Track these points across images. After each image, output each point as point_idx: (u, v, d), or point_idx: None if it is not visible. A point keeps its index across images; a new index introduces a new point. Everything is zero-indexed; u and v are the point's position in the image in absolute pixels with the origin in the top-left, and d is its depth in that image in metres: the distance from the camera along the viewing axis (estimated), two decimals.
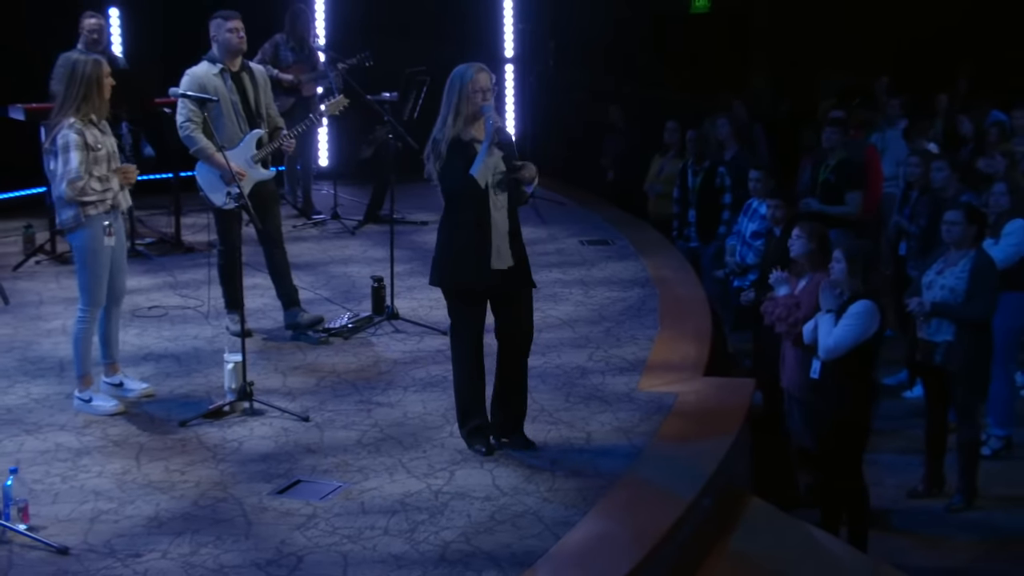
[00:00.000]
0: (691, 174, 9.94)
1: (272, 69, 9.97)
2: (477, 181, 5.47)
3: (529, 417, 6.20)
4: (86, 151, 5.95)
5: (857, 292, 6.36)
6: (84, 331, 6.18)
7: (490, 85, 5.55)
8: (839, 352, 6.30)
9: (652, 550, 4.85)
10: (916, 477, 7.42)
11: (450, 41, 11.86)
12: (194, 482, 5.49)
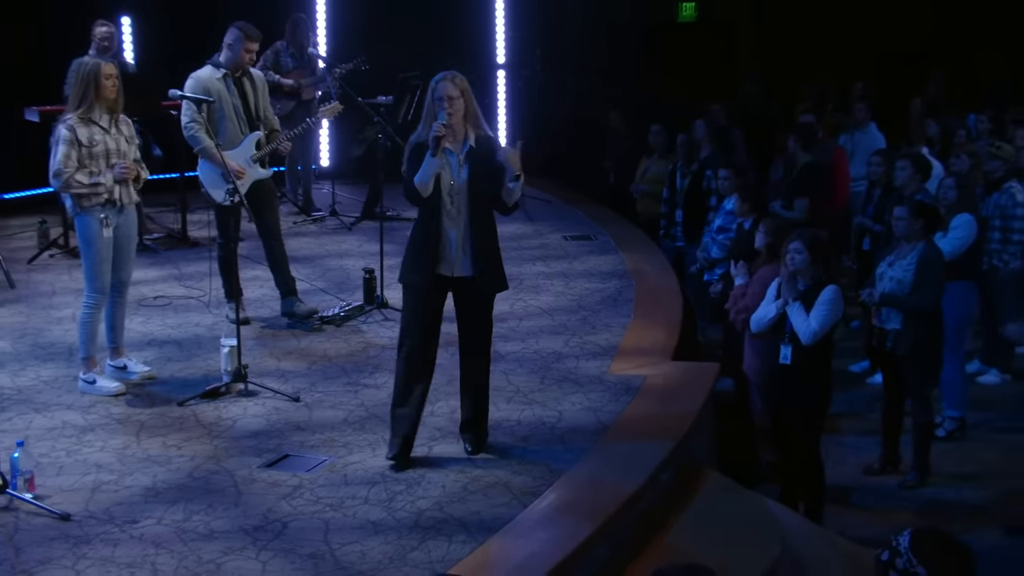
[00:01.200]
0: (679, 176, 10.06)
1: (273, 75, 10.15)
2: (418, 188, 5.36)
3: (505, 398, 6.40)
4: (76, 147, 6.13)
5: (821, 279, 6.53)
6: (90, 316, 6.36)
7: (455, 94, 5.34)
8: (820, 336, 6.46)
9: (612, 517, 5.04)
10: (875, 457, 7.58)
11: (444, 47, 12.03)
12: (189, 456, 5.68)
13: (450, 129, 5.32)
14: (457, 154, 5.40)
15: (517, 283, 8.60)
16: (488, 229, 5.54)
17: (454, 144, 5.39)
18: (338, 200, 10.65)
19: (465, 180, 5.40)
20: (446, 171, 5.39)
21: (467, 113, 5.40)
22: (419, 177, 5.36)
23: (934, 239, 7.21)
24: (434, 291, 5.54)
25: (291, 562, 4.71)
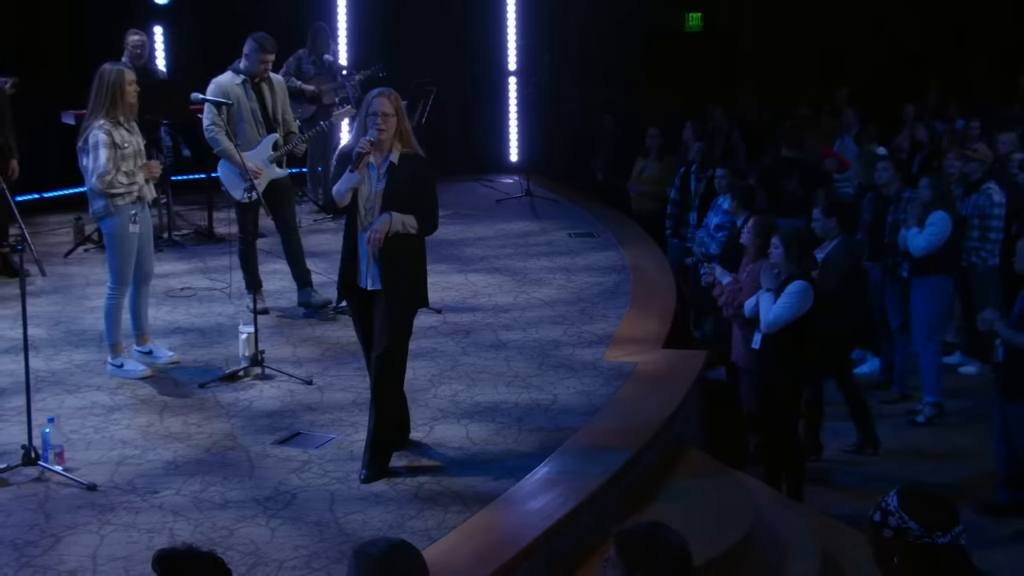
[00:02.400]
0: (694, 180, 10.15)
1: (295, 81, 10.34)
2: (334, 199, 5.34)
3: (504, 382, 6.58)
4: (114, 149, 6.33)
5: (793, 274, 6.68)
6: (113, 306, 6.57)
7: (390, 111, 5.20)
8: (778, 326, 6.62)
9: (598, 491, 5.19)
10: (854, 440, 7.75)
11: (458, 55, 12.23)
12: (208, 434, 5.87)
13: (375, 145, 5.21)
14: (378, 168, 5.27)
15: (522, 277, 8.79)
16: (402, 245, 5.31)
17: (377, 158, 5.26)
18: None
19: (380, 194, 5.26)
20: (365, 184, 5.27)
21: (398, 130, 5.26)
22: (337, 189, 5.30)
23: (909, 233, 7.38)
24: (361, 305, 5.45)
25: (298, 529, 4.90)
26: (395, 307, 5.34)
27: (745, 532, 5.21)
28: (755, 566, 5.14)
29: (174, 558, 3.03)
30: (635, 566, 3.07)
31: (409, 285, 5.42)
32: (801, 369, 6.91)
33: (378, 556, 2.95)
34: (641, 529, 3.22)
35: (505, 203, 11.34)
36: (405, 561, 2.94)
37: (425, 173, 5.41)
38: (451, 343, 7.24)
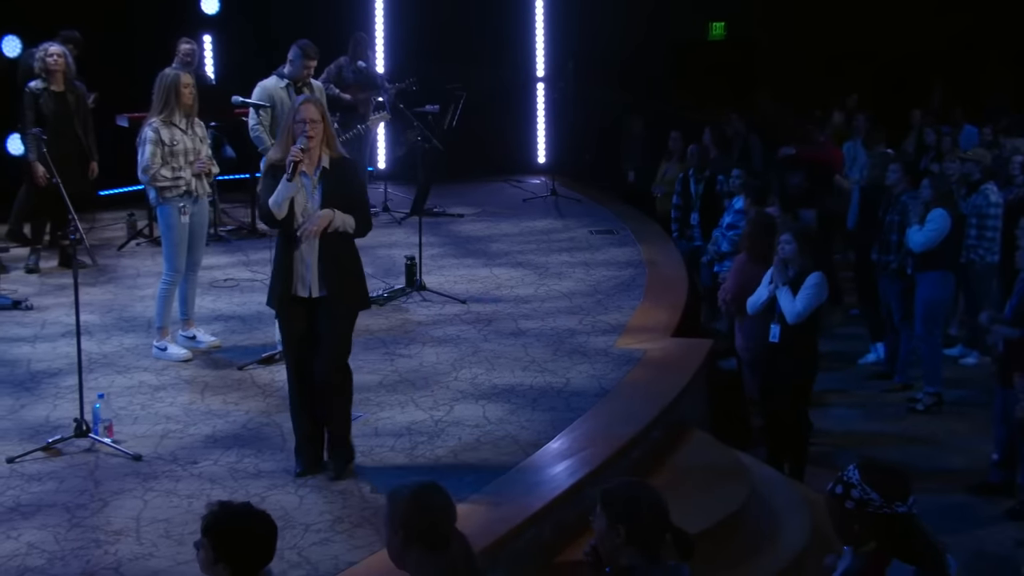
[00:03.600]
0: (693, 182, 10.30)
1: (334, 88, 10.56)
2: (271, 210, 5.09)
3: (521, 366, 6.76)
4: (160, 146, 6.59)
5: (808, 267, 6.79)
6: (166, 291, 6.83)
7: (316, 117, 5.05)
8: (804, 317, 6.72)
9: (603, 465, 5.37)
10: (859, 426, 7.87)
11: (488, 63, 12.42)
12: (245, 411, 6.11)
13: (306, 152, 5.04)
14: (311, 176, 5.10)
15: (543, 270, 8.97)
16: (342, 250, 5.19)
17: (308, 166, 5.09)
18: (390, 198, 11.07)
19: (318, 202, 5.09)
20: (300, 193, 5.08)
21: (324, 136, 5.11)
22: (273, 200, 5.07)
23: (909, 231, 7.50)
24: (296, 313, 5.22)
25: (324, 496, 5.12)
26: (342, 312, 5.22)
27: (740, 505, 5.37)
28: (748, 536, 5.29)
29: (231, 511, 3.29)
30: (617, 519, 3.26)
31: (353, 289, 5.28)
32: (813, 360, 7.03)
33: (408, 495, 3.20)
34: (624, 486, 3.41)
35: (531, 202, 11.53)
36: (433, 498, 3.19)
37: (356, 175, 5.30)
38: (473, 331, 7.44)
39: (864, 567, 3.51)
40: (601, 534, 3.32)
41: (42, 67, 8.37)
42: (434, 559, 3.14)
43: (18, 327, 7.42)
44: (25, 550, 4.64)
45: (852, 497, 3.46)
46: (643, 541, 3.27)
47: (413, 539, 3.18)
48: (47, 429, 5.78)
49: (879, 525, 3.48)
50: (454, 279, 8.63)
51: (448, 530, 3.19)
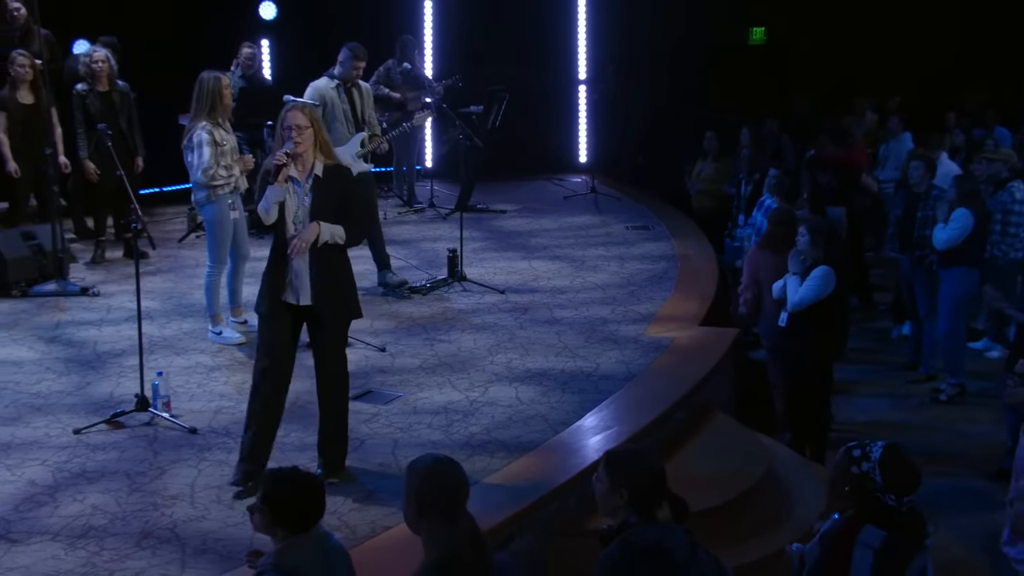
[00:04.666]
0: (744, 183, 10.41)
1: (383, 88, 10.83)
2: (260, 215, 5.05)
3: (554, 352, 6.95)
4: (214, 146, 6.86)
5: (818, 259, 6.93)
6: (212, 282, 7.09)
7: (304, 123, 4.95)
8: (803, 306, 6.88)
9: (628, 442, 5.53)
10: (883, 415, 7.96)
11: (533, 66, 12.59)
12: (292, 391, 6.13)
13: (299, 158, 4.97)
14: (303, 183, 5.01)
15: (579, 263, 9.15)
16: (333, 258, 5.08)
17: (301, 173, 5.01)
18: (436, 194, 11.31)
19: (308, 209, 4.99)
20: (291, 199, 5.00)
21: (316, 142, 5.02)
22: (261, 204, 5.02)
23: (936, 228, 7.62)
24: (282, 319, 5.15)
25: (364, 468, 5.36)
26: (334, 322, 5.16)
27: (756, 481, 5.52)
28: (762, 509, 5.44)
29: (283, 474, 3.53)
30: (619, 481, 3.45)
31: (345, 299, 5.20)
32: (826, 347, 7.15)
33: (423, 469, 3.38)
34: (627, 452, 3.60)
35: (571, 199, 11.71)
36: (448, 472, 3.35)
37: (349, 183, 5.18)
38: (510, 319, 7.64)
39: (840, 528, 3.68)
40: (603, 495, 3.51)
41: (87, 71, 8.70)
42: (445, 529, 3.28)
43: (85, 312, 7.75)
44: (90, 511, 4.92)
45: (862, 468, 3.63)
46: (642, 503, 3.44)
47: (427, 509, 3.32)
48: (111, 404, 6.08)
49: (867, 501, 3.66)
50: (494, 271, 8.84)
51: (460, 504, 3.32)
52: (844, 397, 8.20)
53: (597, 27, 13.32)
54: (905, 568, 3.73)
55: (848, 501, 3.74)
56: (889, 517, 3.67)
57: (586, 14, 13.25)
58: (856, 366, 8.95)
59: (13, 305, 7.87)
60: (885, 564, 3.67)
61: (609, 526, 3.59)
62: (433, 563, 3.25)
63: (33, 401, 6.16)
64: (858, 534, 3.68)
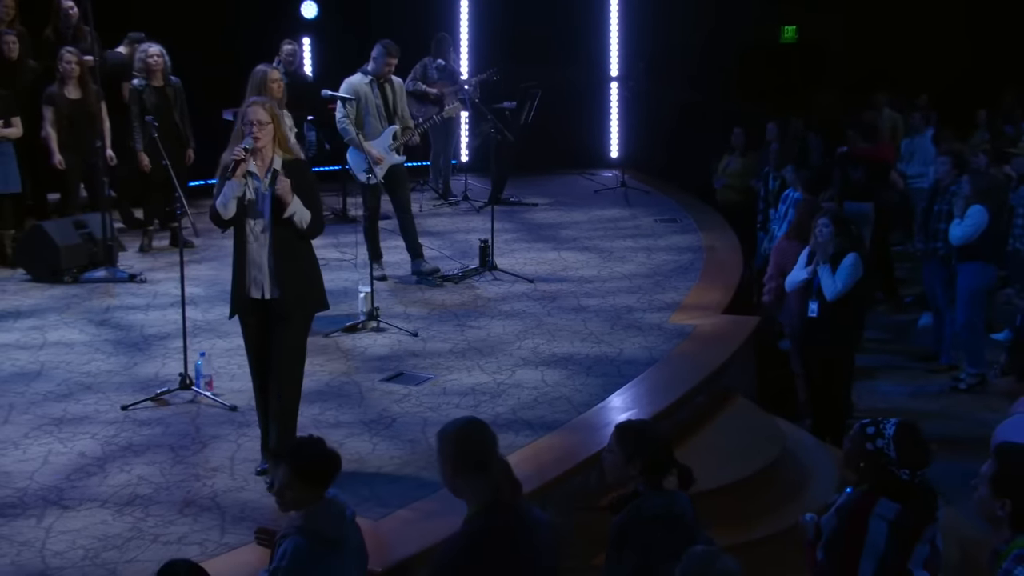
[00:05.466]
0: (771, 178, 10.49)
1: (420, 84, 11.03)
2: (218, 211, 4.97)
3: (580, 338, 7.10)
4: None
5: (844, 247, 7.02)
6: None
7: (265, 119, 4.90)
8: (842, 294, 6.94)
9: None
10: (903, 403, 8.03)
11: (565, 63, 12.73)
12: (328, 371, 6.56)
13: (258, 153, 4.92)
14: (262, 178, 4.95)
15: (607, 254, 9.28)
16: (295, 250, 5.04)
17: (260, 168, 4.94)
18: (470, 188, 11.48)
19: (268, 203, 4.93)
20: (250, 194, 4.95)
21: (276, 137, 4.97)
22: (219, 199, 4.95)
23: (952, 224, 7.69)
24: (251, 319, 5.12)
25: (394, 444, 5.54)
26: (297, 315, 5.09)
27: (772, 461, 5.64)
28: (778, 488, 5.55)
29: (306, 441, 3.77)
30: (629, 452, 3.60)
31: (308, 291, 5.16)
32: (851, 336, 7.24)
33: (452, 433, 3.56)
34: (635, 425, 3.75)
35: (602, 193, 11.84)
36: (473, 429, 3.53)
37: (308, 176, 5.10)
38: (538, 306, 7.80)
39: (856, 502, 3.81)
40: (614, 465, 3.66)
41: (143, 66, 8.95)
42: (481, 479, 3.46)
43: (133, 297, 8.00)
44: (136, 481, 5.14)
45: (876, 444, 3.76)
46: (649, 472, 3.60)
47: (460, 466, 3.50)
48: (156, 383, 6.31)
49: (881, 475, 3.79)
50: (524, 261, 9.00)
51: (490, 453, 3.50)
52: (865, 382, 8.26)
53: (629, 25, 13.43)
54: (918, 539, 3.86)
55: (863, 476, 3.87)
56: (903, 490, 3.80)
57: (618, 13, 13.37)
58: (878, 355, 9.02)
59: (65, 290, 8.14)
60: (899, 535, 3.80)
61: (619, 495, 3.75)
62: (477, 511, 3.42)
63: (84, 380, 6.40)
64: (873, 507, 3.81)
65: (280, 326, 5.05)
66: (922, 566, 3.88)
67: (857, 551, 3.84)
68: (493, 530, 3.40)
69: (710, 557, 3.08)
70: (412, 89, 10.62)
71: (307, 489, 3.67)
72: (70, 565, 4.42)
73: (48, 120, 8.80)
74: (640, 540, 3.64)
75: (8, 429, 5.71)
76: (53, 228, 8.47)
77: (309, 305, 5.19)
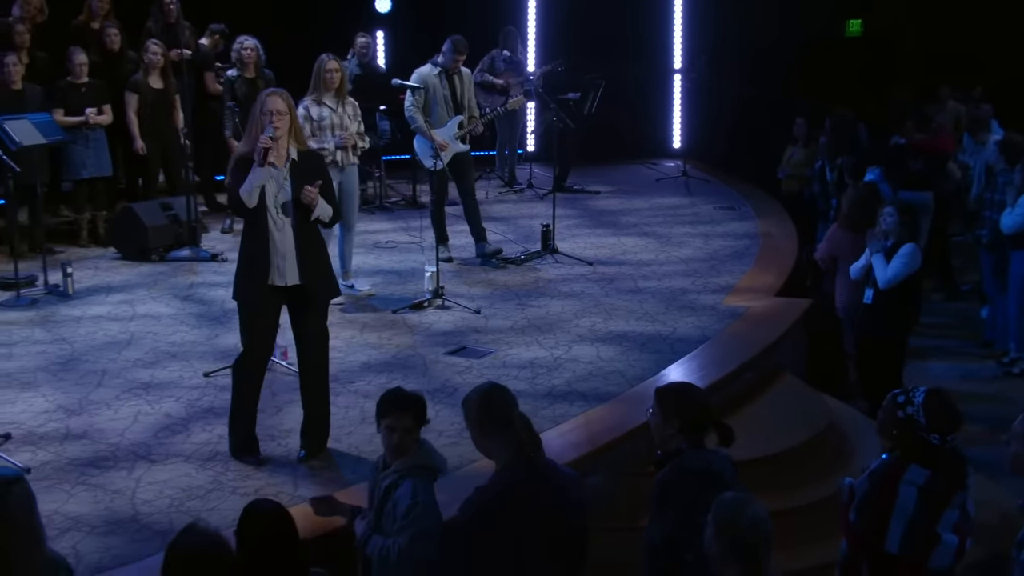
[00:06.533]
0: (828, 170, 10.52)
1: (488, 76, 11.27)
2: (242, 198, 4.99)
3: (635, 317, 7.28)
4: (310, 121, 7.33)
5: (903, 238, 7.09)
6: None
7: (283, 109, 4.96)
8: (895, 283, 7.00)
9: None
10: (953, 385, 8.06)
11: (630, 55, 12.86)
12: (395, 345, 6.83)
13: (275, 143, 4.97)
14: (281, 167, 5.03)
15: (666, 240, 9.44)
16: (314, 238, 5.18)
17: (277, 158, 5.00)
18: (534, 176, 11.69)
19: (290, 192, 5.02)
20: (270, 184, 5.00)
21: (291, 128, 5.05)
22: (245, 187, 4.97)
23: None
24: (269, 302, 5.19)
25: (456, 412, 5.66)
26: (321, 298, 5.28)
27: (817, 433, 5.78)
28: (825, 459, 5.69)
29: (395, 392, 3.97)
30: (669, 412, 3.79)
31: (328, 278, 5.32)
32: (905, 321, 7.31)
33: (474, 399, 3.77)
34: (675, 386, 3.93)
35: (663, 182, 11.98)
36: (496, 395, 3.75)
37: (324, 168, 5.27)
38: (596, 288, 8.00)
39: (887, 468, 3.96)
40: (656, 425, 3.85)
41: (238, 57, 9.32)
42: (505, 437, 3.66)
43: (215, 275, 8.36)
44: (216, 440, 5.46)
45: (906, 411, 3.92)
46: (690, 430, 3.78)
47: (487, 429, 3.70)
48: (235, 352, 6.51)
49: (912, 442, 3.94)
50: (584, 245, 9.19)
51: (511, 412, 3.69)
52: (917, 362, 8.26)
53: (693, 20, 13.51)
54: (947, 505, 4.00)
55: (895, 443, 4.02)
56: (933, 456, 3.94)
57: (682, 7, 13.47)
58: (933, 339, 9.04)
59: (153, 268, 8.55)
60: (928, 500, 3.95)
61: (663, 453, 3.94)
62: (504, 466, 3.64)
63: (169, 349, 6.76)
64: (904, 472, 3.96)
65: (305, 312, 5.23)
66: (951, 530, 4.03)
67: (887, 514, 3.99)
68: (518, 483, 3.59)
69: (740, 503, 3.26)
70: (480, 80, 10.85)
71: (417, 431, 3.88)
72: (157, 512, 4.75)
73: (131, 106, 9.19)
74: (680, 496, 3.82)
75: (101, 392, 6.08)
76: (142, 210, 8.88)
77: (332, 291, 5.37)
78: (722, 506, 3.27)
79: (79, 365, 6.47)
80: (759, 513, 3.26)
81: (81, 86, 8.98)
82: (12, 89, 8.58)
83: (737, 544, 3.20)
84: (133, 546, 4.48)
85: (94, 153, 9.06)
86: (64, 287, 7.79)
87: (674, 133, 13.57)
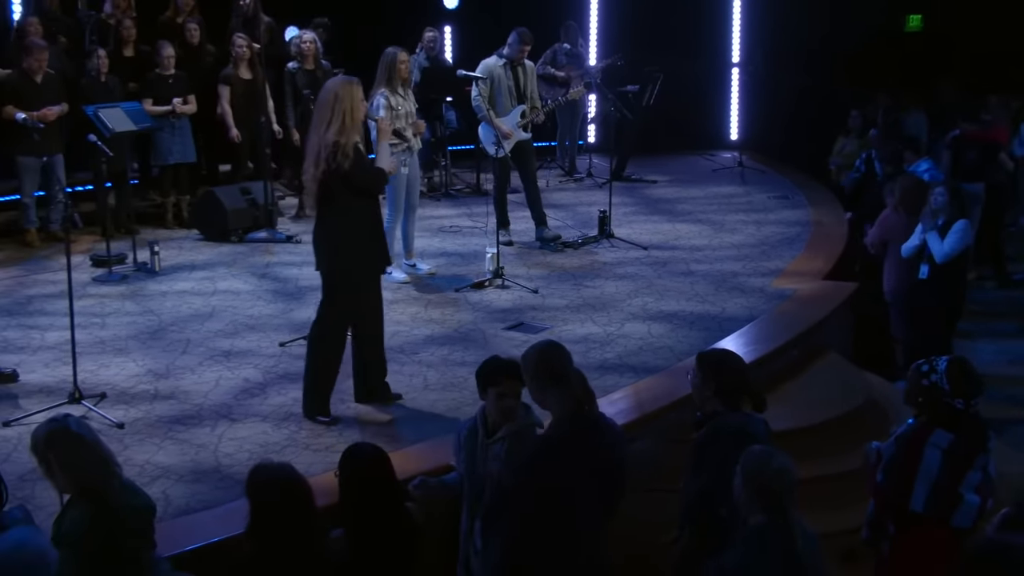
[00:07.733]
0: (878, 162, 10.57)
1: (550, 68, 11.50)
2: (386, 175, 5.60)
3: (685, 297, 7.49)
4: (390, 110, 7.64)
5: (954, 216, 7.20)
6: (389, 228, 7.87)
7: None
8: (951, 257, 7.12)
9: None
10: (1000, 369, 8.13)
11: (689, 49, 12.99)
12: (456, 320, 7.12)
13: None
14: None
15: (719, 226, 9.61)
16: None
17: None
18: (594, 165, 11.91)
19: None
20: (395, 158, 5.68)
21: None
22: (381, 162, 5.62)
23: None
24: (377, 287, 5.79)
25: None
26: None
27: (856, 406, 5.95)
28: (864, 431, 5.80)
29: (503, 361, 4.14)
30: (708, 376, 4.01)
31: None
32: (956, 299, 7.42)
33: (532, 355, 4.01)
34: (715, 352, 4.15)
35: (719, 172, 12.11)
36: (553, 351, 3.98)
37: None
38: (650, 270, 8.21)
39: (913, 432, 4.16)
40: (696, 387, 4.08)
41: (297, 51, 9.67)
42: (562, 390, 3.87)
43: (290, 255, 8.73)
44: (291, 402, 5.80)
45: (931, 379, 4.13)
46: (726, 394, 4.00)
47: (544, 383, 3.88)
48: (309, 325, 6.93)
49: (937, 407, 4.14)
50: (640, 231, 9.40)
51: (567, 367, 3.89)
52: (966, 342, 8.32)
53: (751, 14, 13.60)
54: (970, 466, 4.20)
55: (921, 410, 4.22)
56: (956, 420, 4.13)
57: (741, 2, 13.56)
58: (981, 323, 9.08)
59: (232, 248, 8.95)
60: (952, 462, 4.15)
61: (702, 415, 4.17)
62: (560, 417, 3.88)
63: (248, 321, 7.13)
64: (929, 436, 4.17)
65: (379, 290, 5.78)
66: (973, 491, 4.21)
67: (912, 476, 4.20)
68: (571, 434, 3.82)
69: (767, 454, 3.48)
70: (542, 72, 11.09)
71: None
72: (237, 464, 5.09)
73: (224, 98, 9.59)
74: (716, 456, 4.02)
75: (186, 358, 6.46)
76: (223, 194, 9.28)
77: None
78: (750, 457, 3.49)
79: (166, 334, 6.86)
80: (784, 463, 3.48)
81: (168, 77, 9.41)
82: (100, 81, 9.04)
83: (763, 491, 3.42)
84: (216, 493, 4.83)
85: (179, 140, 9.49)
86: (151, 264, 8.23)
87: (731, 125, 13.69)
